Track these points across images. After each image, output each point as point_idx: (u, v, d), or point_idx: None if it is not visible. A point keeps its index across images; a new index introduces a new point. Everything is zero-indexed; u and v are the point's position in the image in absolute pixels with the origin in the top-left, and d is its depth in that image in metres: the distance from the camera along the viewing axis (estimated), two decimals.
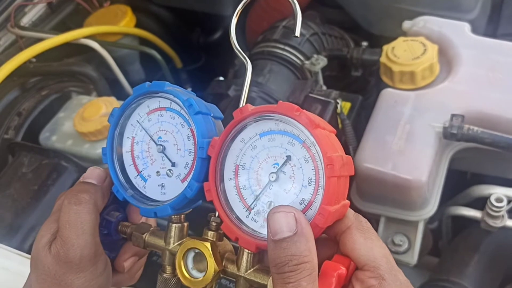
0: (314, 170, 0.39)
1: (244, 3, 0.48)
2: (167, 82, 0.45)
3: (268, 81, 0.96)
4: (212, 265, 0.42)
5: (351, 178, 0.89)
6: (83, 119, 0.92)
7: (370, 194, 0.83)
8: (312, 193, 0.39)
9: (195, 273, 0.44)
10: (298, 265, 0.36)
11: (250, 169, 0.42)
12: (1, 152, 0.98)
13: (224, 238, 0.45)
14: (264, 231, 0.40)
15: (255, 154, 0.42)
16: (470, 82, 0.86)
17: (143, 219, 0.50)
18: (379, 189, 0.79)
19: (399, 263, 0.83)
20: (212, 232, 0.44)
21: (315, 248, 0.37)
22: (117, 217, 0.49)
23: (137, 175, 0.47)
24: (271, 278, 0.40)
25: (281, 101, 0.41)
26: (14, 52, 1.10)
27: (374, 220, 0.89)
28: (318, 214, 0.38)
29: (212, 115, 0.44)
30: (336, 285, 0.38)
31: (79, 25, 1.21)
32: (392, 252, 0.81)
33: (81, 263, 0.44)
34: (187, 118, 0.44)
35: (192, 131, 0.44)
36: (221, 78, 0.99)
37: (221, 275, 0.43)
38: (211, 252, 0.43)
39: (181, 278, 0.44)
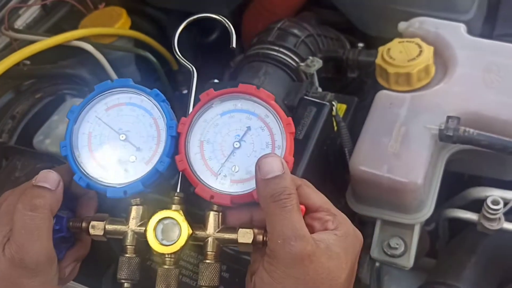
0: (269, 136, 0.50)
1: (187, 22, 0.62)
2: (131, 79, 0.52)
3: (263, 83, 0.95)
4: (186, 227, 0.48)
5: (347, 181, 0.88)
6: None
7: (365, 197, 0.82)
8: (270, 152, 0.49)
9: (165, 243, 0.48)
10: (290, 194, 0.46)
11: (214, 143, 0.51)
12: None
13: None
14: (231, 190, 0.49)
15: (218, 130, 0.51)
16: (466, 83, 0.85)
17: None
18: (375, 192, 0.79)
19: (394, 267, 0.83)
20: (176, 205, 0.50)
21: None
22: (67, 214, 0.51)
23: (96, 166, 0.51)
24: (239, 231, 0.49)
25: (240, 83, 0.52)
26: (8, 55, 1.09)
27: (370, 223, 0.88)
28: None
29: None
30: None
31: (74, 27, 1.20)
32: (388, 255, 0.80)
33: (37, 268, 0.45)
34: (149, 109, 0.52)
35: (154, 119, 0.51)
36: (216, 81, 0.98)
37: (191, 242, 0.49)
38: (183, 217, 0.49)
39: (153, 247, 0.48)
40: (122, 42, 1.21)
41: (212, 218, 0.50)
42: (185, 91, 1.36)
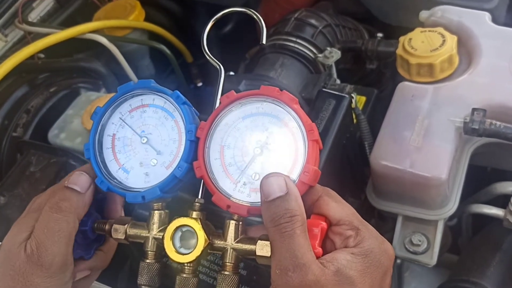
0: (293, 142, 0.46)
1: (215, 19, 0.56)
2: (153, 80, 0.50)
3: (280, 75, 0.93)
4: (202, 237, 0.46)
5: (367, 175, 0.85)
6: (91, 116, 0.90)
7: (387, 192, 0.80)
8: (292, 161, 0.46)
9: (183, 250, 0.47)
10: (292, 217, 0.42)
11: (235, 148, 0.48)
12: (9, 150, 0.97)
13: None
14: (250, 199, 0.46)
15: (239, 135, 0.48)
16: (492, 74, 0.82)
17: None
18: (397, 187, 0.76)
19: (417, 264, 0.80)
20: (196, 212, 0.48)
21: (303, 206, 0.44)
22: (93, 216, 0.50)
23: (119, 168, 0.50)
24: (258, 242, 0.45)
25: (263, 85, 0.48)
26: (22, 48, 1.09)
27: (390, 218, 0.86)
28: (303, 173, 0.45)
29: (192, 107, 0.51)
30: (321, 236, 0.45)
31: (88, 19, 1.19)
32: (410, 252, 0.78)
33: (50, 268, 0.46)
34: (171, 112, 0.50)
35: (176, 122, 0.49)
36: (232, 73, 0.96)
37: (209, 251, 0.47)
38: (200, 226, 0.46)
39: (170, 255, 0.46)
40: (136, 35, 1.20)
41: (231, 227, 0.47)
42: (199, 84, 1.34)
